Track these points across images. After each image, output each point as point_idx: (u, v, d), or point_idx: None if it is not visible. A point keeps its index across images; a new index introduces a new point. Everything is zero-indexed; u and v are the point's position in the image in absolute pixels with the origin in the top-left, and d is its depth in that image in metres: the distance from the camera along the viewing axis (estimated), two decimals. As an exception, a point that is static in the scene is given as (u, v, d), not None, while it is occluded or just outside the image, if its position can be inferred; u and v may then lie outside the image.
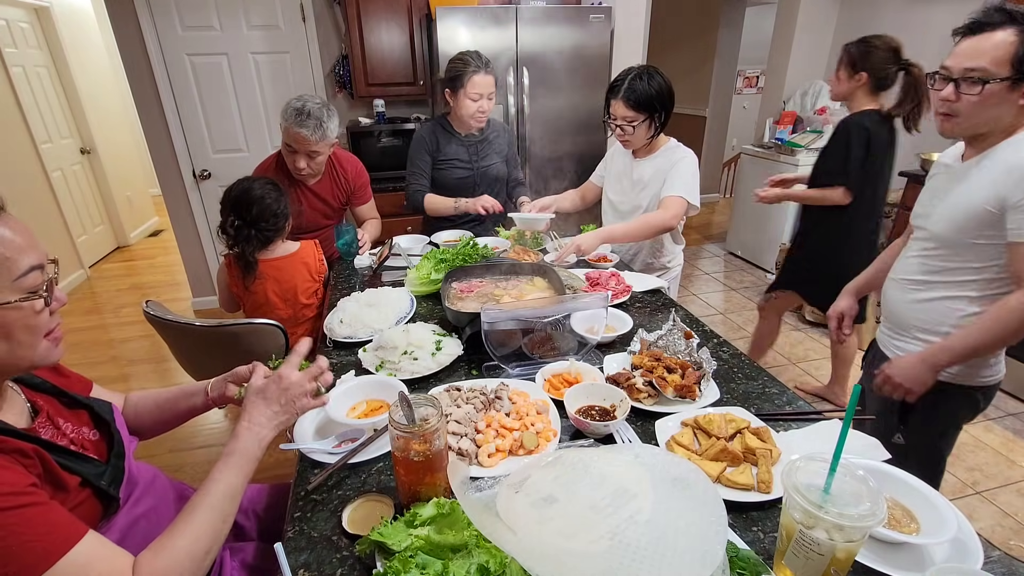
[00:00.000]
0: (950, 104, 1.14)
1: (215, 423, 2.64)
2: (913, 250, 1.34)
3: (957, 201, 1.20)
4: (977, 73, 1.08)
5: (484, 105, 2.03)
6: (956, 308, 1.24)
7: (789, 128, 4.01)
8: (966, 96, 1.10)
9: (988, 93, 1.08)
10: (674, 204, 1.76)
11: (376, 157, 3.30)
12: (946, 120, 1.17)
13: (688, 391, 1.10)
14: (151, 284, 4.39)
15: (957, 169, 1.24)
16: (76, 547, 0.64)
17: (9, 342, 0.70)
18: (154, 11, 3.05)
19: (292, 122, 1.85)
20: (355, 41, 3.11)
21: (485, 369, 1.27)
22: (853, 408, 0.71)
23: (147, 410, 1.05)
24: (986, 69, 1.07)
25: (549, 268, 1.58)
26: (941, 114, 1.17)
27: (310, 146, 1.89)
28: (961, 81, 1.10)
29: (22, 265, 0.70)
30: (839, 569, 0.67)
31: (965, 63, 1.10)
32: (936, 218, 1.25)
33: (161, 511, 0.92)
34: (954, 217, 1.20)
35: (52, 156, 4.24)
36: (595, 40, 3.06)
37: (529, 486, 0.76)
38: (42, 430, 0.78)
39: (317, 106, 1.86)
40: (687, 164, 1.80)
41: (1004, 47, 1.06)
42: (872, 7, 3.79)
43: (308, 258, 1.86)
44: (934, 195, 1.29)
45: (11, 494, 0.62)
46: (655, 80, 1.71)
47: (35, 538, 0.61)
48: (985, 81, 1.07)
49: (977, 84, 1.08)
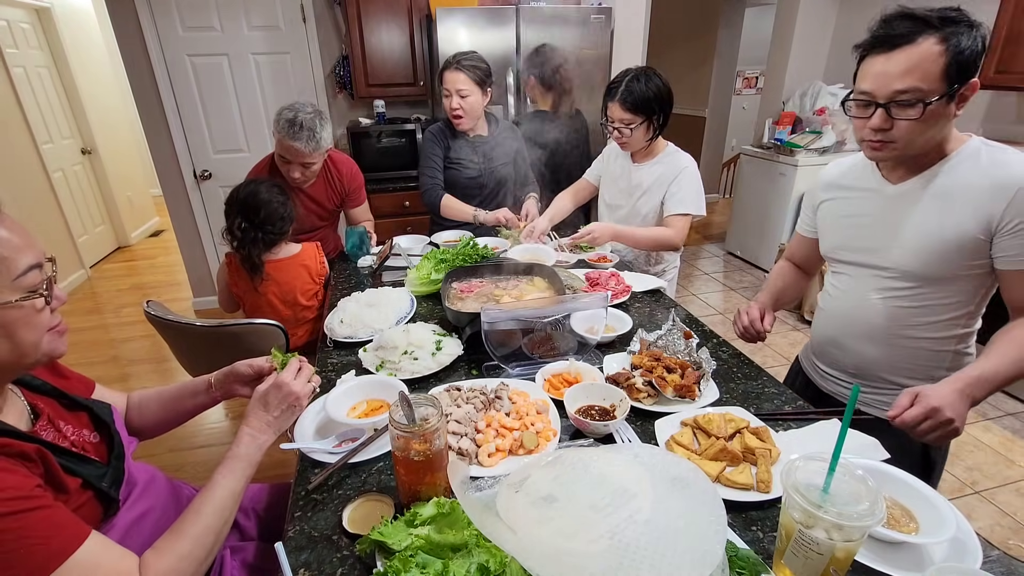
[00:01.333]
0: (885, 132, 1.01)
1: (215, 423, 2.64)
2: (868, 293, 1.18)
3: (924, 230, 1.07)
4: (910, 95, 0.96)
5: (455, 102, 2.02)
6: (947, 349, 1.14)
7: (788, 128, 4.01)
8: (902, 121, 0.98)
9: (929, 114, 0.96)
10: (682, 223, 1.81)
11: (376, 158, 3.30)
12: (880, 148, 1.04)
13: (688, 391, 1.10)
14: (152, 284, 4.39)
15: (893, 193, 1.12)
16: (81, 548, 0.65)
17: (12, 341, 0.70)
18: (155, 12, 3.05)
19: (285, 134, 1.82)
20: (355, 42, 3.11)
21: (485, 369, 1.27)
22: (852, 408, 0.71)
23: (151, 409, 1.06)
24: (919, 88, 0.95)
25: (549, 268, 1.58)
26: (873, 142, 1.04)
27: (304, 157, 1.88)
28: (892, 105, 0.98)
29: (21, 264, 0.70)
30: (838, 568, 0.67)
31: (894, 85, 0.96)
32: (900, 252, 1.11)
33: (161, 511, 0.92)
34: (930, 248, 1.06)
35: (53, 156, 4.24)
36: (595, 40, 3.06)
37: (529, 486, 0.76)
38: (43, 433, 0.78)
39: (309, 116, 1.83)
40: (691, 177, 1.80)
41: (931, 60, 0.93)
42: (871, 7, 3.78)
43: (309, 260, 1.86)
44: (877, 225, 1.15)
45: (17, 498, 0.62)
46: (652, 82, 1.69)
47: (41, 541, 0.62)
48: (925, 102, 0.95)
49: (914, 106, 0.96)
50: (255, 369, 0.99)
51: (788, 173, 3.92)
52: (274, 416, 0.89)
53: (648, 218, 1.90)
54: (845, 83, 3.95)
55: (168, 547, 0.72)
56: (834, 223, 1.25)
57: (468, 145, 2.18)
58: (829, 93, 3.93)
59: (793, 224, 4.04)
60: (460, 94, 2.01)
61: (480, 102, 2.07)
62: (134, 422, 1.05)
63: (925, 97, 0.95)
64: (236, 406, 2.75)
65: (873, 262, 1.16)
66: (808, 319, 3.49)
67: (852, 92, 1.04)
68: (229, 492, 0.81)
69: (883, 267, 1.15)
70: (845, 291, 1.25)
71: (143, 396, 1.06)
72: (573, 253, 1.98)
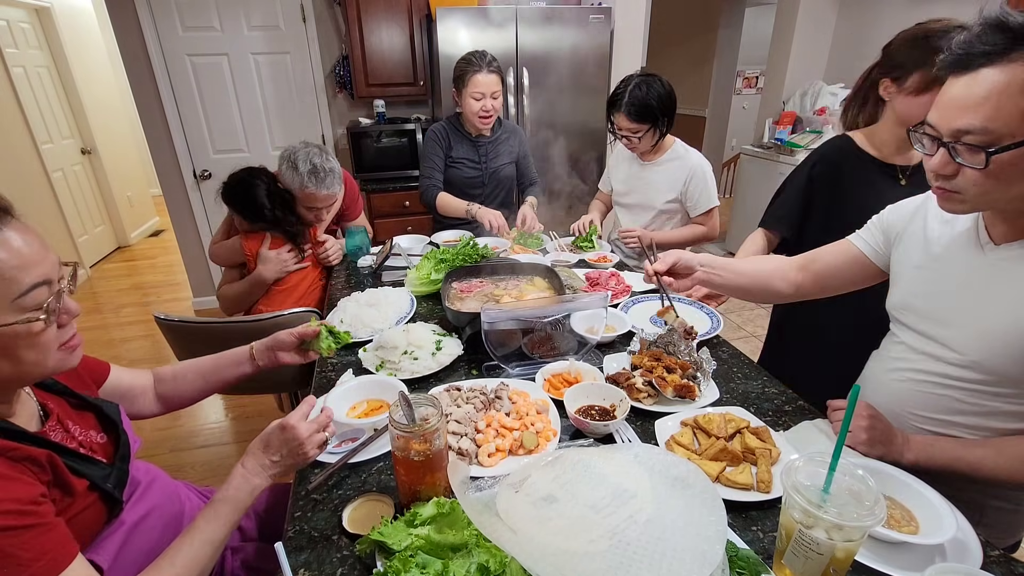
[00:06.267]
0: (947, 179, 0.77)
1: (215, 423, 2.65)
2: (924, 378, 0.92)
3: (1009, 310, 0.80)
4: (975, 136, 0.70)
5: (487, 104, 2.03)
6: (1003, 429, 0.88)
7: (788, 128, 4.01)
8: (966, 169, 0.73)
9: (1000, 165, 0.70)
10: (711, 219, 1.94)
11: (376, 157, 3.30)
12: (945, 198, 0.79)
13: (688, 391, 1.10)
14: (152, 284, 4.39)
15: (993, 256, 0.84)
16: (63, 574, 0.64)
17: (11, 360, 0.68)
18: (155, 12, 3.05)
19: (313, 186, 1.77)
20: (355, 41, 3.11)
21: (485, 369, 1.27)
22: (852, 408, 0.71)
23: (188, 380, 1.07)
24: (988, 130, 0.69)
25: (549, 268, 1.58)
26: (936, 188, 0.80)
27: (334, 198, 1.87)
28: (956, 146, 0.73)
29: (24, 283, 0.66)
30: (838, 568, 0.67)
31: (955, 121, 0.72)
32: (978, 336, 0.84)
33: (163, 511, 0.92)
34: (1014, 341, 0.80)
35: (53, 156, 4.24)
36: (595, 40, 3.06)
37: (529, 486, 0.76)
38: (52, 433, 0.78)
39: (320, 156, 1.78)
40: (703, 176, 1.88)
41: (1012, 90, 0.67)
42: (872, 8, 3.79)
43: None
44: (962, 293, 0.87)
45: (13, 512, 0.61)
46: (653, 89, 1.72)
47: (27, 563, 0.61)
48: (988, 150, 0.70)
49: (978, 152, 0.70)
50: (298, 334, 1.00)
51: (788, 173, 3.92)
52: (272, 460, 0.83)
53: (663, 214, 1.96)
54: (845, 83, 3.95)
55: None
56: (912, 274, 0.96)
57: (470, 145, 2.18)
58: (829, 93, 3.93)
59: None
60: (493, 96, 2.03)
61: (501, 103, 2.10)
62: (168, 393, 1.06)
63: (993, 143, 0.69)
64: (236, 406, 2.75)
65: (926, 331, 0.92)
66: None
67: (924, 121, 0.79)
68: (209, 540, 0.76)
69: (949, 347, 0.88)
70: (898, 358, 0.99)
71: (178, 368, 1.08)
72: (573, 253, 1.99)
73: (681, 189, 1.89)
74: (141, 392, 1.05)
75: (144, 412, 1.06)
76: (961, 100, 0.71)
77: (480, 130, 2.14)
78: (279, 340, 1.05)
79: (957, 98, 0.72)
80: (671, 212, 1.96)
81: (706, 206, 1.90)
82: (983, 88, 0.69)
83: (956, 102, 0.72)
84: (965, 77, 0.71)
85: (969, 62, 0.71)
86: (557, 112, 3.16)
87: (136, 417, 1.04)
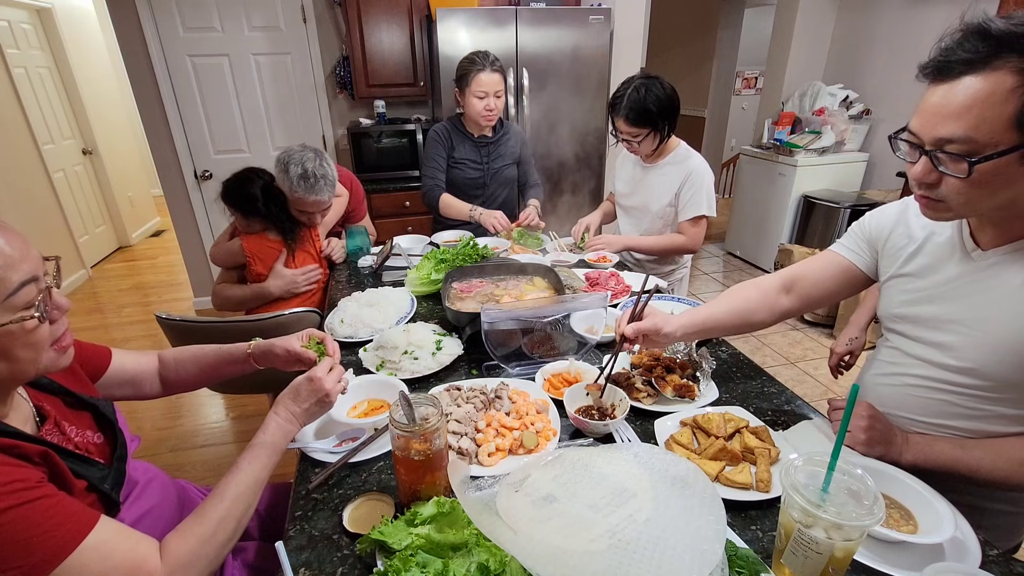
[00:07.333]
0: (930, 187, 0.75)
1: (215, 423, 2.65)
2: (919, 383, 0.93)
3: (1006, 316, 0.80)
4: (957, 145, 0.69)
5: (491, 103, 2.03)
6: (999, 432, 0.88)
7: (788, 129, 4.01)
8: (949, 178, 0.72)
9: (984, 174, 0.69)
10: (695, 229, 1.85)
11: (376, 158, 3.31)
12: (930, 207, 0.79)
13: (687, 390, 1.10)
14: (152, 284, 4.40)
15: (981, 261, 0.84)
16: (93, 534, 0.64)
17: (8, 360, 0.68)
18: (156, 12, 3.06)
19: (302, 191, 1.74)
20: (356, 42, 3.12)
21: (485, 369, 1.28)
22: (852, 407, 0.71)
23: (188, 369, 1.09)
24: (970, 139, 0.68)
25: (549, 268, 1.59)
26: (919, 196, 0.79)
27: (325, 204, 1.85)
28: (938, 154, 0.72)
29: (12, 282, 0.65)
30: (837, 568, 0.67)
31: (937, 130, 0.70)
32: (972, 343, 0.84)
33: (162, 511, 0.92)
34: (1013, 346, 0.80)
35: (54, 157, 4.25)
36: (595, 41, 3.06)
37: (529, 485, 0.77)
38: (49, 436, 0.78)
39: (314, 161, 1.75)
40: (700, 180, 1.80)
41: (997, 100, 0.65)
42: (871, 8, 3.79)
43: None
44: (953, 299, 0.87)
45: (23, 489, 0.62)
46: (653, 92, 1.67)
47: (52, 528, 0.62)
48: (970, 160, 0.68)
49: (961, 161, 0.69)
50: (292, 354, 1.01)
51: (788, 173, 3.93)
52: (303, 408, 0.90)
53: (660, 217, 1.92)
54: (844, 83, 3.95)
55: (190, 529, 0.73)
56: (901, 282, 0.95)
57: (472, 145, 2.18)
58: (828, 93, 3.93)
59: (794, 224, 4.04)
60: (496, 95, 2.03)
61: None
62: (170, 378, 1.08)
63: (976, 152, 0.68)
64: (236, 406, 2.75)
65: (935, 344, 0.90)
66: (808, 319, 3.49)
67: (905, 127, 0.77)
68: (253, 479, 0.81)
69: (945, 353, 0.88)
70: (892, 363, 0.99)
71: (179, 356, 1.09)
72: (573, 253, 1.99)
73: (676, 192, 1.84)
74: (148, 377, 1.06)
75: (149, 394, 1.08)
76: (943, 108, 0.70)
77: (483, 130, 2.14)
78: (274, 352, 1.04)
79: (939, 106, 0.71)
80: (669, 217, 1.91)
81: (693, 212, 1.81)
82: (966, 96, 0.68)
83: (938, 110, 0.71)
84: (947, 84, 0.70)
85: (950, 69, 0.69)
86: (557, 112, 3.17)
87: (141, 398, 1.07)
